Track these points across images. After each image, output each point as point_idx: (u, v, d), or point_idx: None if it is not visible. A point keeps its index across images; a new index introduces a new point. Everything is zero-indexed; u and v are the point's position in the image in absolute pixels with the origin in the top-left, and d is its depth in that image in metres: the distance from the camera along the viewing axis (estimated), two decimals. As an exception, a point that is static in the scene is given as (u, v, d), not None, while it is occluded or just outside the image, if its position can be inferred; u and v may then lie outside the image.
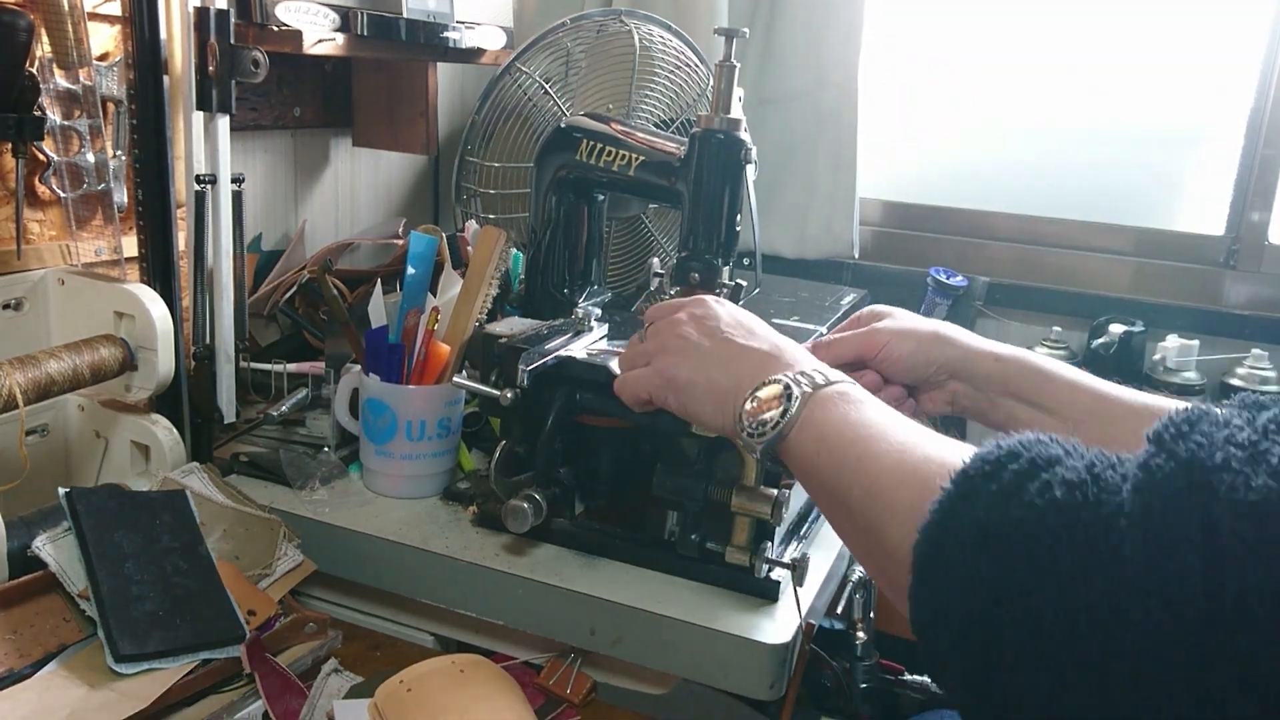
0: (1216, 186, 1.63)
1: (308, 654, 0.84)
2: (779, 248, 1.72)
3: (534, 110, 1.33)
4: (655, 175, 0.99)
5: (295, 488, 1.00)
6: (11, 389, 0.83)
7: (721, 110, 0.91)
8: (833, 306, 1.30)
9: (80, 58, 0.94)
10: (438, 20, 1.35)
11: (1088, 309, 1.62)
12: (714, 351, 0.72)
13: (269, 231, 1.39)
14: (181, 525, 0.85)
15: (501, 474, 0.89)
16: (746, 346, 0.71)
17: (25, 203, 0.96)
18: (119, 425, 0.99)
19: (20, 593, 0.78)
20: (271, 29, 1.11)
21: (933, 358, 0.80)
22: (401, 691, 0.75)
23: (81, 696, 0.72)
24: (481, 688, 0.78)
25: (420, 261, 1.01)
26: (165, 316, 0.94)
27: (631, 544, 0.90)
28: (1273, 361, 1.51)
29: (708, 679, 0.82)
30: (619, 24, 1.33)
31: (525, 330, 0.94)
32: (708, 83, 1.33)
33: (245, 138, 1.30)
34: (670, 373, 0.73)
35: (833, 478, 0.60)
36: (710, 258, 0.93)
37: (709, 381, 0.71)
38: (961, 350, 0.80)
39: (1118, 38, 1.65)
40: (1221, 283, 1.60)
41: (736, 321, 0.74)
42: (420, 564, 0.90)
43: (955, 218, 1.76)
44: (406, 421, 0.97)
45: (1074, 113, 1.70)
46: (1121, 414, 0.73)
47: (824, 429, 0.61)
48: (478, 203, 1.37)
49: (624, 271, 1.37)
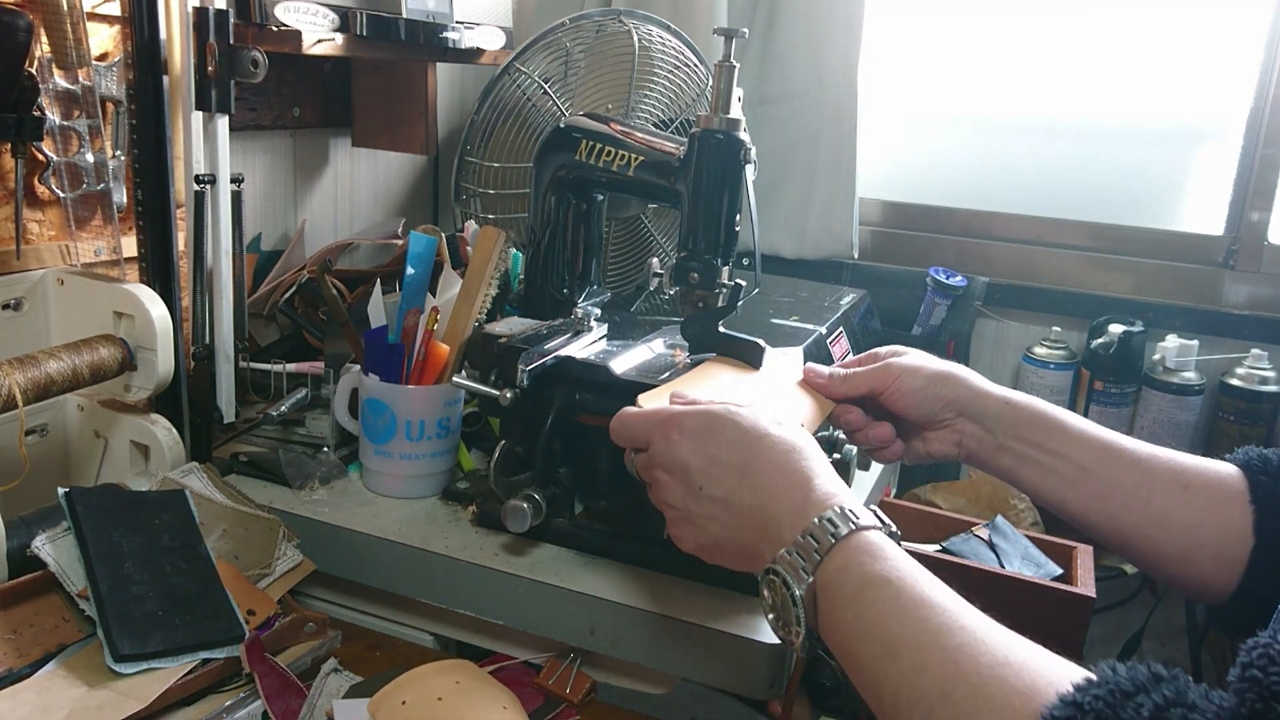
0: (1216, 186, 1.63)
1: (307, 654, 0.84)
2: (779, 248, 1.72)
3: (533, 110, 1.33)
4: (655, 175, 0.99)
5: (295, 488, 1.00)
6: (11, 389, 0.83)
7: (721, 110, 0.91)
8: (832, 306, 1.30)
9: (79, 58, 0.94)
10: (437, 20, 1.35)
11: (1087, 309, 1.62)
12: (705, 515, 0.67)
13: (268, 231, 1.39)
14: (181, 525, 0.86)
15: (501, 474, 0.89)
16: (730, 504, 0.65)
17: (25, 203, 0.96)
18: (118, 425, 0.99)
19: (19, 592, 0.78)
20: (271, 29, 1.11)
21: (942, 395, 0.80)
22: (397, 705, 0.75)
23: (81, 696, 0.72)
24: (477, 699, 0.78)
25: (420, 261, 1.01)
26: (165, 316, 0.94)
27: (631, 544, 0.90)
28: (1272, 361, 1.51)
29: (708, 679, 0.82)
30: (618, 24, 1.33)
31: (525, 330, 0.94)
32: (707, 83, 1.33)
33: (245, 138, 1.31)
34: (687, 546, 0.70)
35: (875, 695, 0.53)
36: (710, 258, 0.93)
37: (722, 550, 0.67)
38: (972, 391, 0.80)
39: (1117, 38, 1.65)
40: (1221, 283, 1.60)
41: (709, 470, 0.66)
42: (420, 564, 0.90)
43: (955, 218, 1.77)
44: (406, 421, 0.97)
45: (1073, 113, 1.70)
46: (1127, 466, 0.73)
47: (845, 639, 0.55)
48: (477, 203, 1.37)
49: (623, 271, 1.37)
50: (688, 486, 0.68)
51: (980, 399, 0.79)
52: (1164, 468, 0.72)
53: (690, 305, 0.95)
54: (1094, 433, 0.75)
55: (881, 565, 0.55)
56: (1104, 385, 1.57)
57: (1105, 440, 0.74)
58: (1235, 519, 0.68)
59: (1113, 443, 0.74)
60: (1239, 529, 0.68)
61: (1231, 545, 0.68)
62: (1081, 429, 0.75)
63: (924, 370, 0.81)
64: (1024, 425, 0.77)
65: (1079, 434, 0.75)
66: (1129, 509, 0.72)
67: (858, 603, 0.54)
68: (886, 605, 0.53)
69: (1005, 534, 1.17)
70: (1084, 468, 0.73)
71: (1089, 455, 0.74)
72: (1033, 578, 1.08)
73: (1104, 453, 0.73)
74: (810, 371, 0.86)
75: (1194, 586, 0.72)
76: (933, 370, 0.81)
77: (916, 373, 0.81)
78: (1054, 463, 0.75)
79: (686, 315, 0.95)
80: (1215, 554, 0.69)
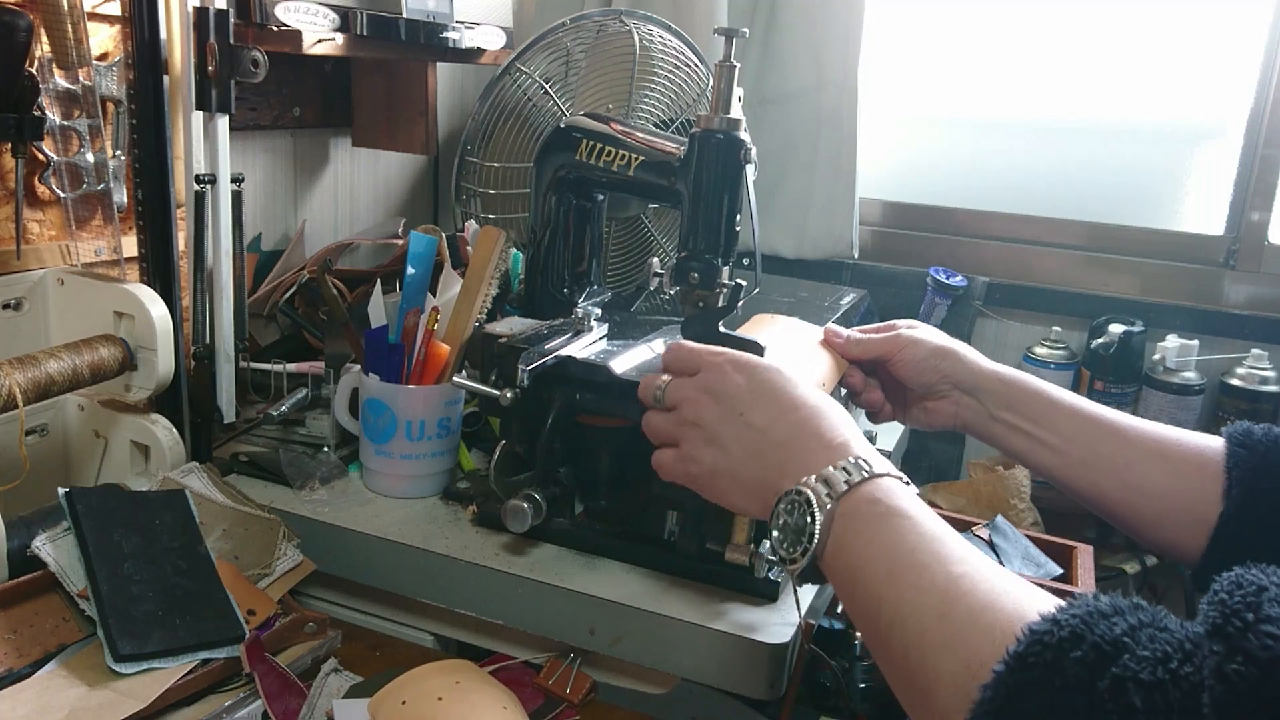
0: (1216, 186, 1.63)
1: (307, 654, 0.84)
2: (779, 248, 1.72)
3: (534, 110, 1.33)
4: (655, 175, 0.99)
5: (295, 487, 1.00)
6: (11, 389, 0.83)
7: (721, 110, 0.91)
8: (832, 306, 1.30)
9: (80, 58, 0.94)
10: (437, 20, 1.35)
11: (1087, 309, 1.62)
12: (732, 437, 0.68)
13: (269, 231, 1.39)
14: (181, 525, 0.86)
15: (501, 474, 0.89)
16: (764, 431, 0.67)
17: (25, 203, 0.96)
18: (118, 425, 0.99)
19: (20, 592, 0.78)
20: (271, 29, 1.11)
21: (940, 368, 0.86)
22: (398, 705, 0.75)
23: (81, 696, 0.72)
24: (477, 699, 0.78)
25: (420, 261, 1.01)
26: (165, 316, 0.94)
27: (631, 544, 0.90)
28: (1272, 361, 1.51)
29: (707, 679, 0.82)
30: (619, 24, 1.33)
31: (525, 330, 0.94)
32: (707, 83, 1.33)
33: (245, 138, 1.31)
34: (694, 468, 0.70)
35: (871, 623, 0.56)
36: (710, 258, 0.93)
37: (732, 474, 0.68)
38: (967, 367, 0.86)
39: (1117, 37, 1.65)
40: (1221, 283, 1.60)
41: (755, 396, 0.69)
42: (420, 564, 0.90)
43: (955, 218, 1.77)
44: (406, 421, 0.97)
45: (1074, 113, 1.70)
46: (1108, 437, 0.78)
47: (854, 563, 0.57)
48: (477, 203, 1.37)
49: (624, 271, 1.37)
50: (728, 410, 0.69)
51: (975, 374, 0.85)
52: (1145, 439, 0.77)
53: (690, 305, 0.95)
54: (1080, 406, 0.81)
55: (904, 503, 0.58)
56: (1104, 385, 1.57)
57: (1090, 413, 0.80)
58: (1208, 486, 0.73)
59: (1097, 415, 0.80)
60: (1210, 496, 0.72)
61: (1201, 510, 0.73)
62: (1068, 403, 0.81)
63: (927, 344, 0.87)
64: (1015, 399, 0.83)
65: (1066, 407, 0.81)
66: (1109, 476, 0.77)
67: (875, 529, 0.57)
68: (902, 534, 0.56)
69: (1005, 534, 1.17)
70: (1069, 438, 0.79)
71: (1074, 427, 0.79)
72: (1033, 578, 1.08)
73: (1088, 425, 0.79)
74: (830, 332, 0.93)
75: (1169, 548, 0.77)
76: (935, 345, 0.87)
77: (920, 345, 0.87)
78: (1041, 434, 0.81)
79: (686, 315, 0.95)
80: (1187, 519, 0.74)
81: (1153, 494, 0.75)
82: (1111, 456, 0.77)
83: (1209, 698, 0.41)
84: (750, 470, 0.67)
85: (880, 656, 0.56)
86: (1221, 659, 0.41)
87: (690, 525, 0.87)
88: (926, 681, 0.51)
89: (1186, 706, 0.41)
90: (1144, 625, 0.45)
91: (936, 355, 0.86)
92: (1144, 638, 0.44)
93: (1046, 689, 0.44)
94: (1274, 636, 0.40)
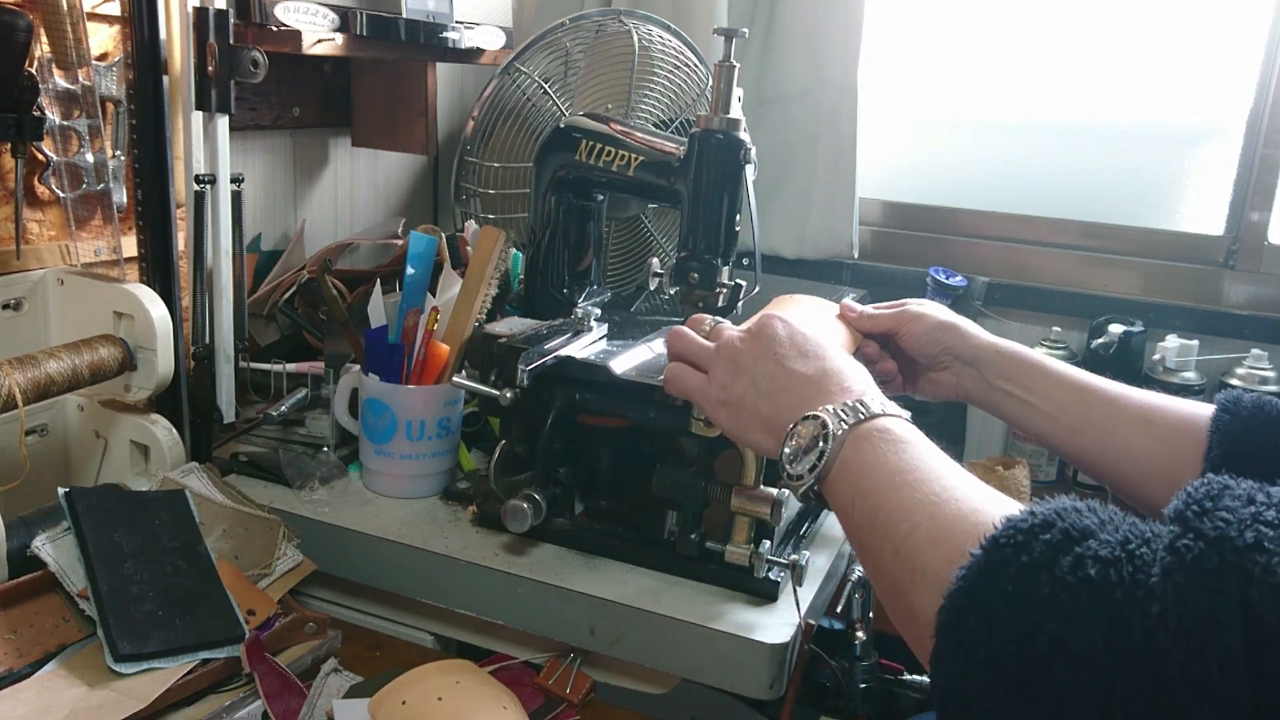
0: (1216, 186, 1.63)
1: (307, 654, 0.84)
2: (779, 248, 1.72)
3: (533, 110, 1.33)
4: (654, 175, 0.99)
5: (295, 487, 1.00)
6: (11, 389, 0.83)
7: (721, 110, 0.91)
8: (832, 306, 1.30)
9: (79, 58, 0.94)
10: (437, 20, 1.35)
11: (1087, 309, 1.62)
12: (764, 373, 0.71)
13: (268, 231, 1.39)
14: (181, 525, 0.85)
15: (501, 474, 0.90)
16: (793, 371, 0.70)
17: (25, 203, 0.96)
18: (118, 425, 0.99)
19: (20, 592, 0.78)
20: (270, 29, 1.11)
21: (942, 341, 0.91)
22: (397, 705, 0.75)
23: (81, 696, 0.72)
24: (477, 699, 0.78)
25: (420, 261, 1.01)
26: (164, 316, 0.94)
27: (631, 544, 0.90)
28: (1272, 361, 1.51)
29: (707, 679, 0.82)
30: (618, 24, 1.33)
31: (525, 330, 0.94)
32: (707, 83, 1.33)
33: (244, 138, 1.30)
34: (720, 392, 0.73)
35: (867, 530, 0.59)
36: (710, 258, 0.93)
37: (755, 406, 0.71)
38: (966, 340, 0.91)
39: (1117, 38, 1.65)
40: (1221, 283, 1.60)
41: (792, 341, 0.72)
42: (420, 564, 0.90)
43: (955, 218, 1.76)
44: (406, 421, 0.97)
45: (1073, 112, 1.70)
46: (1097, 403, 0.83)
47: (859, 476, 0.61)
48: (477, 203, 1.37)
49: (623, 271, 1.37)
50: (765, 349, 0.73)
51: (974, 347, 0.90)
52: (1132, 405, 0.82)
53: (690, 305, 0.95)
54: (1071, 375, 0.85)
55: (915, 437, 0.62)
56: (1104, 385, 1.56)
57: (1082, 381, 0.84)
58: (1190, 450, 0.76)
59: (1089, 383, 0.84)
60: (1191, 459, 0.76)
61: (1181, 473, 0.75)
62: (1060, 371, 0.86)
63: (930, 319, 0.92)
64: (1011, 369, 0.88)
65: (1058, 376, 0.85)
66: (1097, 440, 0.82)
67: (882, 450, 0.61)
68: (908, 456, 0.60)
69: (1005, 534, 1.17)
70: (1061, 405, 0.84)
71: (1065, 394, 0.84)
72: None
73: (1079, 392, 0.83)
74: (846, 307, 0.97)
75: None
76: (938, 319, 0.92)
77: (924, 320, 0.92)
78: (1035, 400, 0.85)
79: (686, 315, 0.95)
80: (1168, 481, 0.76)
81: (1136, 457, 0.79)
82: (1100, 421, 0.81)
83: (1158, 568, 0.44)
84: (772, 406, 0.70)
85: (870, 564, 0.59)
86: (1175, 537, 0.45)
87: (690, 525, 0.87)
88: (912, 576, 0.54)
89: (1137, 579, 0.44)
90: (1114, 520, 0.49)
91: (939, 329, 0.91)
92: (1110, 527, 0.48)
93: (1013, 565, 0.47)
94: (1225, 520, 0.44)
